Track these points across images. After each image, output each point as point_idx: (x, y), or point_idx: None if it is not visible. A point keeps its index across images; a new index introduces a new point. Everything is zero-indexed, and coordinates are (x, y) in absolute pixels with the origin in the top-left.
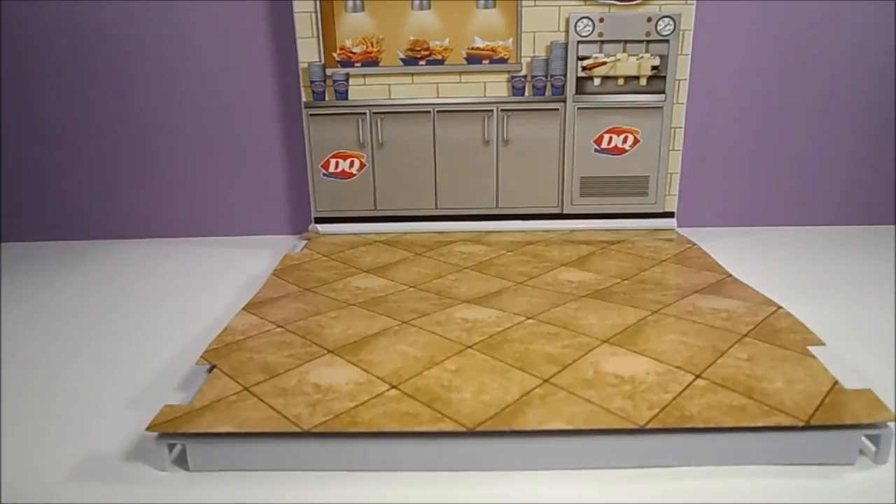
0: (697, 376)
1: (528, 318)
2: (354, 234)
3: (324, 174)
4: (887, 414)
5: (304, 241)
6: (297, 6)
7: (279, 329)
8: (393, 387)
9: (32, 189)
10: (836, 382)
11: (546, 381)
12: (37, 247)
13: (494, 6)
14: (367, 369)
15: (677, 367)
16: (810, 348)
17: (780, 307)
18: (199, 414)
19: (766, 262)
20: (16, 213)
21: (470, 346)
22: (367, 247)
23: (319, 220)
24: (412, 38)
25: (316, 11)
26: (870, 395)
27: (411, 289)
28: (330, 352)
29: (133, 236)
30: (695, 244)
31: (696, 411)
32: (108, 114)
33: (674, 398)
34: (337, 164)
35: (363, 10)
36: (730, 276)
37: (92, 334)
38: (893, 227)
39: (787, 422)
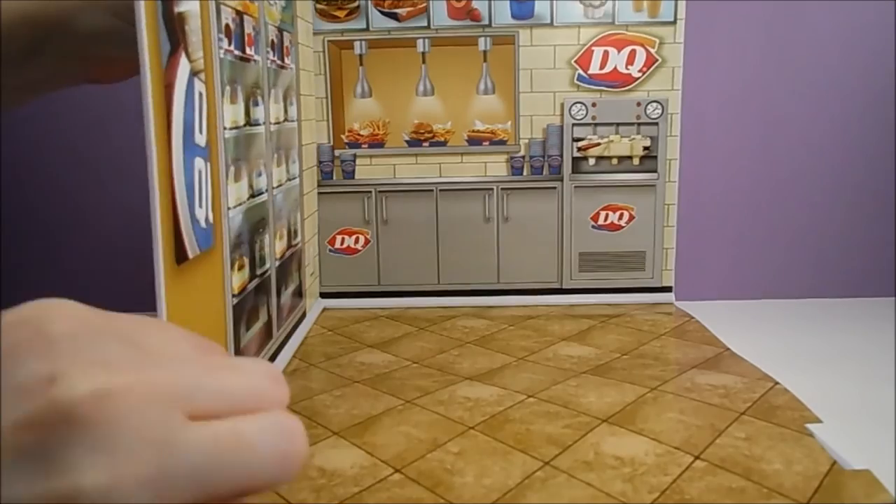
0: (696, 457)
1: (529, 395)
2: (359, 308)
3: (330, 250)
4: (886, 496)
5: None
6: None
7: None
8: (397, 470)
9: None
10: (835, 463)
11: (547, 463)
12: None
13: (494, 93)
14: (371, 452)
15: (676, 448)
16: (808, 426)
17: (776, 383)
18: None
19: (762, 335)
20: None
21: (472, 427)
22: (372, 321)
23: (325, 295)
24: (416, 121)
25: (326, 97)
26: (868, 476)
27: (414, 364)
28: (335, 433)
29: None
30: (693, 317)
31: (695, 494)
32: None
33: (673, 481)
34: (343, 240)
35: (371, 95)
36: (727, 349)
37: None
38: (893, 299)
39: None
